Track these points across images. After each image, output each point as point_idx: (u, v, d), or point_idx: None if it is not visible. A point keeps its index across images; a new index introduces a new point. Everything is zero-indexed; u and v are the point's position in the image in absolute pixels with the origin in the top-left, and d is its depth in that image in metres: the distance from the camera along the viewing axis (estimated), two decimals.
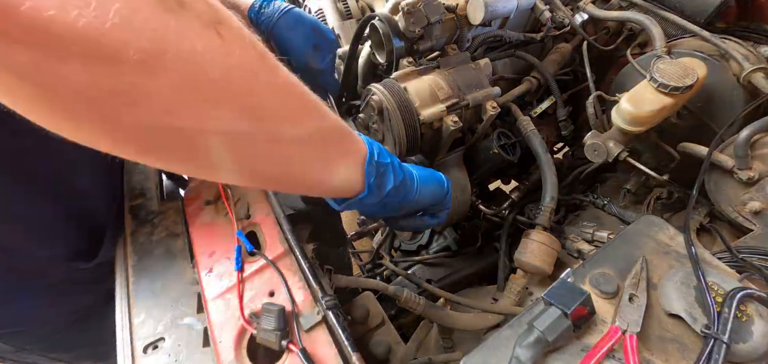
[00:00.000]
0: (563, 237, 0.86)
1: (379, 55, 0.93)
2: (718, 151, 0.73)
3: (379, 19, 0.87)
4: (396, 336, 0.78)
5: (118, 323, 0.64)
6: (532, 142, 0.87)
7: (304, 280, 0.62)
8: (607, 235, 0.83)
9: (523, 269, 0.78)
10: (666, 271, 0.53)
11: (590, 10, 0.99)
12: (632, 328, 0.47)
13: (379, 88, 0.77)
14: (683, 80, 0.71)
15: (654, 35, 0.86)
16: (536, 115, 0.98)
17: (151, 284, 0.68)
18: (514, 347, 0.45)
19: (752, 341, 0.45)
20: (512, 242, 0.97)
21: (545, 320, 0.45)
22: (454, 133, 0.80)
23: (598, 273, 0.53)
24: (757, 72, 0.73)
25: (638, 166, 0.81)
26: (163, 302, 0.66)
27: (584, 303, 0.46)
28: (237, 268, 0.63)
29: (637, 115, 0.74)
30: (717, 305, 0.46)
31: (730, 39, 0.80)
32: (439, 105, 0.78)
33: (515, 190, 1.03)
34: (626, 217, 0.89)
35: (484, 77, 0.85)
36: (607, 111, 0.85)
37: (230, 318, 0.59)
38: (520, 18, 1.01)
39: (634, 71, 0.86)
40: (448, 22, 0.89)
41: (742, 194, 0.71)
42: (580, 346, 0.46)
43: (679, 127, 0.86)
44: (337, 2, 1.27)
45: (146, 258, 0.72)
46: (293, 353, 0.54)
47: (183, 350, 0.60)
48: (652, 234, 0.58)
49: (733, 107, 0.77)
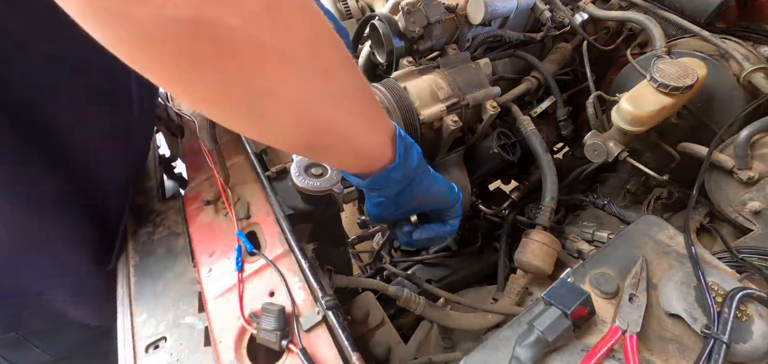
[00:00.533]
0: (563, 237, 0.86)
1: (379, 55, 0.93)
2: (718, 151, 0.73)
3: (379, 18, 0.87)
4: (396, 336, 0.78)
5: (119, 323, 0.64)
6: (532, 142, 0.87)
7: (304, 280, 0.62)
8: (607, 235, 0.83)
9: (523, 269, 0.78)
10: (666, 271, 0.53)
11: (590, 10, 1.00)
12: (632, 328, 0.47)
13: (379, 87, 0.77)
14: (683, 80, 0.71)
15: (654, 35, 0.86)
16: (536, 115, 0.98)
17: (153, 283, 0.68)
18: (514, 347, 0.45)
19: (752, 341, 0.45)
20: (512, 242, 0.97)
21: (545, 320, 0.45)
22: (454, 133, 0.80)
23: (598, 273, 0.53)
24: (757, 72, 0.73)
25: (638, 166, 0.81)
26: (164, 301, 0.66)
27: (584, 303, 0.46)
28: (237, 268, 0.63)
29: (637, 115, 0.74)
30: (717, 305, 0.46)
31: (730, 39, 0.80)
32: (439, 105, 0.78)
33: (515, 190, 1.03)
34: (626, 217, 0.89)
35: (484, 77, 0.85)
36: (607, 111, 0.85)
37: (230, 318, 0.59)
38: (520, 18, 1.01)
39: (634, 71, 0.86)
40: (448, 22, 0.89)
41: (742, 193, 0.72)
42: (580, 346, 0.46)
43: (679, 127, 0.86)
44: (337, 2, 1.27)
45: (147, 258, 0.72)
46: (293, 353, 0.54)
47: (184, 350, 0.60)
48: (652, 234, 0.58)
49: (733, 107, 0.77)
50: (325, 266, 0.71)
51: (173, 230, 0.76)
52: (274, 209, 0.69)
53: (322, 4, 1.26)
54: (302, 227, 0.73)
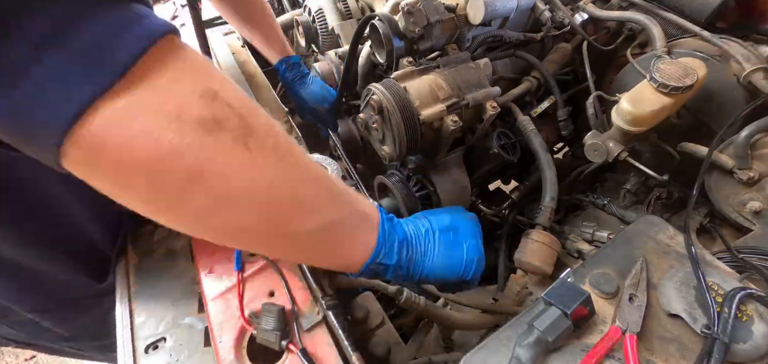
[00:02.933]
0: (563, 237, 0.86)
1: (379, 55, 0.93)
2: (718, 151, 0.73)
3: (379, 19, 0.87)
4: (396, 336, 0.78)
5: (118, 323, 0.64)
6: (532, 142, 0.87)
7: (304, 280, 0.62)
8: (607, 235, 0.83)
9: (523, 269, 0.78)
10: (666, 271, 0.53)
11: (590, 10, 0.99)
12: (632, 328, 0.47)
13: (379, 87, 0.77)
14: (683, 80, 0.71)
15: (654, 35, 0.86)
16: (536, 115, 0.98)
17: (152, 284, 0.68)
18: (514, 347, 0.45)
19: (752, 341, 0.45)
20: (512, 242, 0.97)
21: (545, 320, 0.45)
22: (454, 133, 0.80)
23: (598, 273, 0.53)
24: (757, 72, 0.73)
25: (638, 166, 0.81)
26: (164, 302, 0.66)
27: (584, 303, 0.46)
28: (237, 268, 0.63)
29: (637, 115, 0.74)
30: (717, 305, 0.46)
31: (730, 39, 0.80)
32: (439, 105, 0.78)
33: (515, 190, 1.03)
34: (626, 217, 0.89)
35: (484, 77, 0.85)
36: (607, 111, 0.85)
37: (230, 318, 0.59)
38: (520, 18, 1.01)
39: (634, 71, 0.86)
40: (448, 22, 0.89)
41: (742, 193, 0.71)
42: (580, 346, 0.46)
43: (679, 127, 0.86)
44: (337, 2, 1.27)
45: (147, 258, 0.72)
46: (293, 353, 0.54)
47: (184, 350, 0.60)
48: (652, 234, 0.58)
49: (733, 107, 0.77)
50: None
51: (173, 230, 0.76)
52: None
53: (322, 4, 1.26)
54: None
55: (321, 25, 1.26)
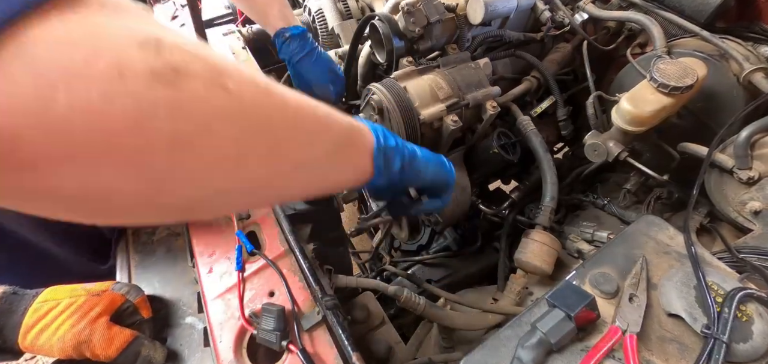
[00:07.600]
0: (563, 237, 0.86)
1: (379, 55, 0.93)
2: (718, 151, 0.73)
3: (379, 19, 0.87)
4: (396, 336, 0.78)
5: None
6: (532, 142, 0.87)
7: (304, 280, 0.62)
8: (607, 235, 0.83)
9: (523, 269, 0.78)
10: (666, 271, 0.53)
11: (590, 10, 0.99)
12: (632, 328, 0.47)
13: (379, 87, 0.77)
14: (683, 80, 0.71)
15: (654, 35, 0.86)
16: (536, 115, 0.98)
17: (153, 283, 0.68)
18: (516, 348, 0.45)
19: (752, 341, 0.45)
20: (512, 242, 0.97)
21: (548, 322, 0.45)
22: (454, 133, 0.80)
23: (598, 273, 0.53)
24: (757, 72, 0.73)
25: (638, 167, 0.81)
26: (163, 301, 0.66)
27: (589, 306, 0.46)
28: (237, 268, 0.63)
29: (637, 115, 0.74)
30: (717, 305, 0.46)
31: (730, 39, 0.80)
32: (439, 104, 0.78)
33: (515, 190, 1.03)
34: (626, 217, 0.89)
35: (484, 77, 0.85)
36: (607, 111, 0.85)
37: (230, 318, 0.59)
38: (520, 18, 1.01)
39: (634, 71, 0.86)
40: (448, 22, 0.89)
41: (742, 193, 0.71)
42: (581, 346, 0.46)
43: (679, 127, 0.86)
44: (337, 2, 1.27)
45: (148, 258, 0.72)
46: (293, 353, 0.54)
47: (184, 350, 0.60)
48: (652, 234, 0.58)
49: (733, 107, 0.77)
50: (325, 266, 0.71)
51: (173, 230, 0.76)
52: (274, 209, 0.69)
53: (322, 4, 1.26)
54: (302, 227, 0.73)
55: (321, 25, 1.26)
